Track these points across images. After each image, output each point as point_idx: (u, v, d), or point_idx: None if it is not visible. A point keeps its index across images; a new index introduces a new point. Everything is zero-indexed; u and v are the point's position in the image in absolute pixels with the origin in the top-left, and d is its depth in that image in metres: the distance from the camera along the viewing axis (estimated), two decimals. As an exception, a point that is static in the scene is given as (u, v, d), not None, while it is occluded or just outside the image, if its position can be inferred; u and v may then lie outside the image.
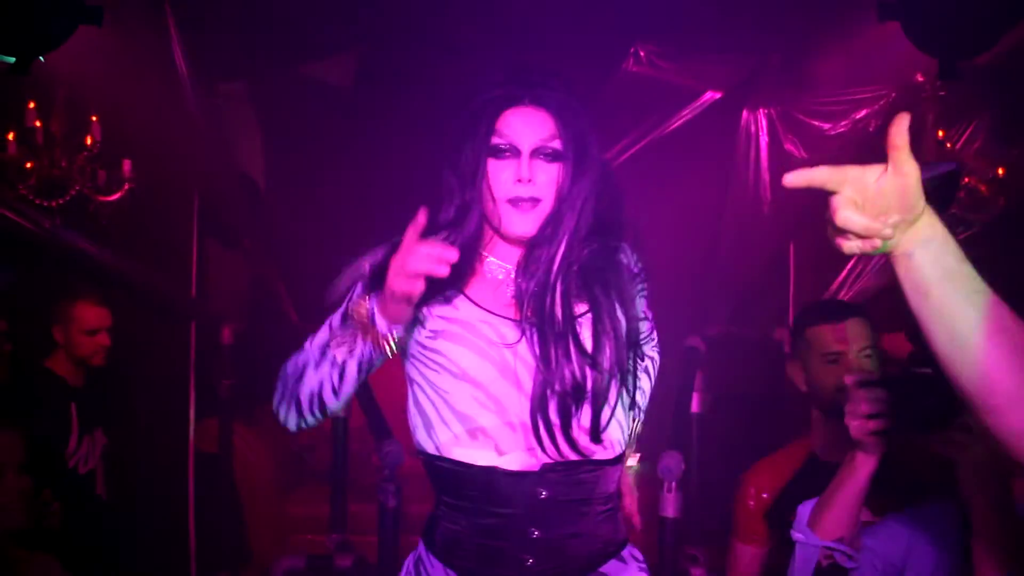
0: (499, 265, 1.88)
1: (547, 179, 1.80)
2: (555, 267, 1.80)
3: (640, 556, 2.01)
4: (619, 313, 1.83)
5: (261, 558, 5.02)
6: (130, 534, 3.95)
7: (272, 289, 5.59)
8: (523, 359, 1.80)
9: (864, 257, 4.85)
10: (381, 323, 1.70)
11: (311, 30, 4.69)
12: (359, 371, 1.76)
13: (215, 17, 4.38)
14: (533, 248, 1.83)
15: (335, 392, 1.78)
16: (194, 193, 5.22)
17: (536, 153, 1.80)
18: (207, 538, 5.08)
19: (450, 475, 1.83)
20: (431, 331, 1.83)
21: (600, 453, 1.84)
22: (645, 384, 2.00)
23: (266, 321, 5.43)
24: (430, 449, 1.85)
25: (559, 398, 1.78)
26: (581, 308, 1.83)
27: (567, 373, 1.78)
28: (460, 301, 1.84)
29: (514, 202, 1.80)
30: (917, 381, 1.73)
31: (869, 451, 1.88)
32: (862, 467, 1.90)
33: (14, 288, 3.26)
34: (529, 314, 1.81)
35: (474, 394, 1.80)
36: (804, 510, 2.01)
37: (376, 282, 1.73)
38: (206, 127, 4.65)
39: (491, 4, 4.47)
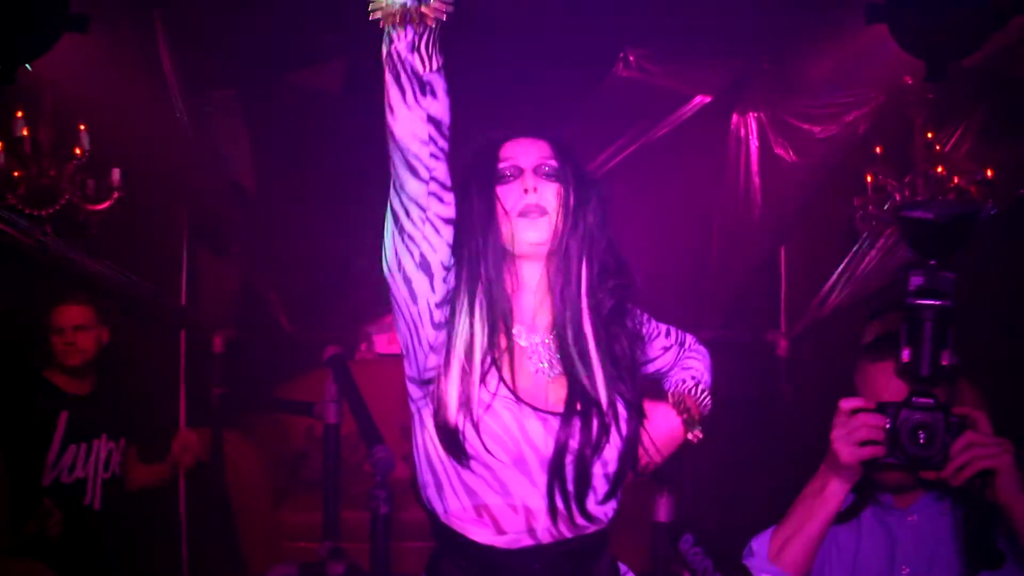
0: (529, 335, 1.91)
1: (551, 195, 1.87)
2: (584, 292, 1.87)
3: (623, 568, 2.03)
4: (635, 356, 1.93)
5: (254, 566, 5.01)
6: (121, 543, 3.92)
7: (263, 296, 5.58)
8: (536, 449, 1.82)
9: (854, 260, 4.88)
10: None
11: (300, 38, 4.69)
12: (396, 74, 1.67)
13: (204, 25, 4.37)
14: (558, 273, 1.88)
15: (389, 108, 1.68)
16: (184, 201, 5.21)
17: (538, 171, 1.89)
18: (199, 547, 5.07)
19: (453, 543, 1.87)
20: (482, 403, 1.82)
21: (596, 527, 1.88)
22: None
23: (257, 329, 5.42)
24: (439, 512, 1.88)
25: (577, 469, 1.81)
26: (609, 349, 1.89)
27: (594, 430, 1.82)
28: (499, 386, 1.84)
29: (523, 213, 1.86)
30: (917, 409, 1.72)
31: (846, 478, 1.86)
32: (834, 496, 1.88)
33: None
34: (566, 360, 1.86)
35: (483, 474, 1.82)
36: (760, 546, 1.97)
37: None
38: (195, 135, 4.64)
39: (480, 10, 4.47)
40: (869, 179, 4.71)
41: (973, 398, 3.11)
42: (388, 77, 1.68)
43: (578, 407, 1.82)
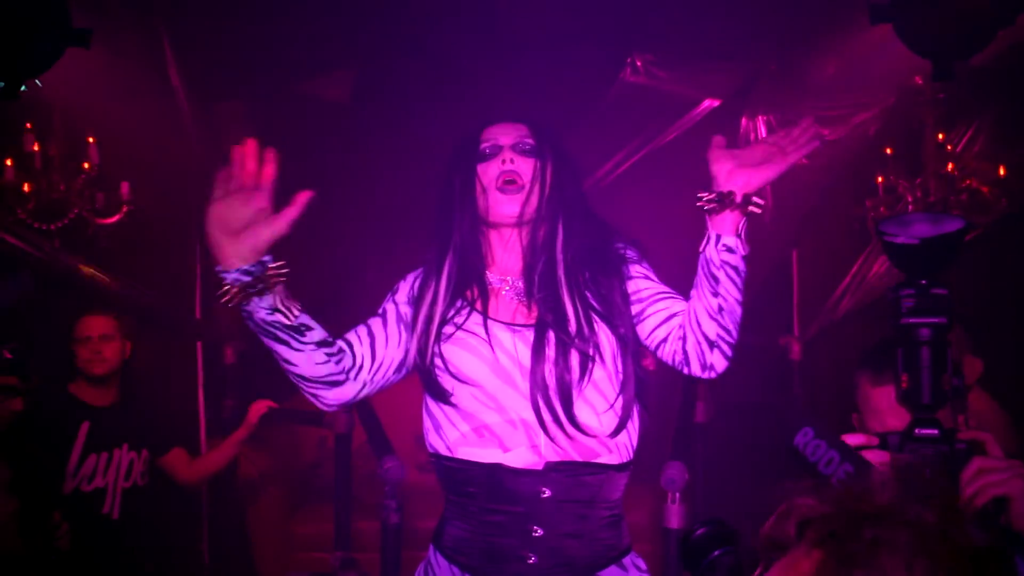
0: (501, 279, 2.02)
1: (526, 168, 2.00)
2: (558, 246, 1.96)
3: (643, 565, 2.03)
4: (616, 296, 1.98)
5: (268, 577, 5.01)
6: (139, 552, 3.93)
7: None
8: (514, 358, 1.91)
9: (867, 263, 4.84)
10: (229, 276, 1.73)
11: (307, 48, 4.70)
12: (272, 336, 1.80)
13: (209, 37, 4.38)
14: (534, 234, 2.00)
15: (285, 361, 1.86)
16: (195, 213, 5.21)
17: (515, 148, 2.01)
18: (213, 557, 5.06)
19: (458, 474, 1.94)
20: (445, 335, 1.96)
21: (605, 456, 1.92)
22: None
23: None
24: (441, 449, 1.96)
25: (558, 377, 1.88)
26: (585, 288, 1.96)
27: (571, 353, 1.90)
28: (470, 311, 1.98)
29: (501, 186, 1.98)
30: (921, 442, 1.66)
31: None
32: None
33: (29, 299, 3.26)
34: (535, 292, 1.95)
35: (474, 393, 1.91)
36: None
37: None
38: (204, 147, 4.65)
39: (488, 18, 4.47)
40: (880, 181, 4.68)
41: (984, 401, 3.07)
42: (266, 341, 1.80)
43: (549, 321, 1.91)
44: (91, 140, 4.24)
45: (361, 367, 1.92)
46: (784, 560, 0.91)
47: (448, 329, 1.94)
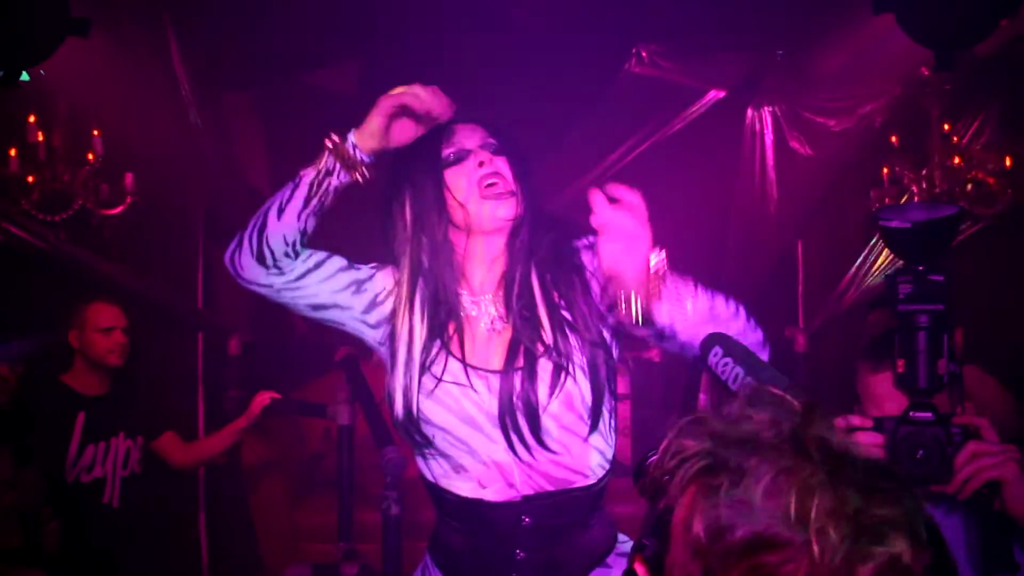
0: (474, 301, 1.95)
1: (504, 167, 1.92)
2: (532, 251, 1.92)
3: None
4: (578, 297, 1.91)
5: (272, 567, 5.01)
6: (140, 541, 3.94)
7: (278, 299, 5.57)
8: (481, 406, 1.88)
9: (872, 254, 4.83)
10: (352, 138, 1.87)
11: (313, 39, 4.69)
12: (311, 191, 1.86)
13: (215, 27, 4.38)
14: (513, 239, 1.93)
15: (280, 210, 1.86)
16: (199, 204, 5.22)
17: (484, 147, 1.93)
18: (217, 548, 5.08)
19: (444, 502, 1.97)
20: (426, 389, 1.90)
21: (581, 482, 1.92)
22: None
23: (272, 331, 5.42)
24: (427, 476, 1.99)
25: (526, 412, 1.86)
26: (555, 294, 1.92)
27: (547, 376, 1.86)
28: (447, 357, 1.91)
29: (484, 190, 1.89)
30: (915, 425, 1.65)
31: None
32: None
33: (34, 356, 3.28)
34: (514, 305, 1.90)
35: (445, 437, 1.90)
36: None
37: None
38: (209, 138, 4.65)
39: (492, 9, 4.46)
40: (886, 172, 4.66)
41: (990, 386, 3.04)
42: (301, 190, 1.86)
43: (520, 360, 1.87)
44: (95, 131, 4.25)
45: (285, 272, 1.91)
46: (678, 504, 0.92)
47: (428, 382, 1.88)
